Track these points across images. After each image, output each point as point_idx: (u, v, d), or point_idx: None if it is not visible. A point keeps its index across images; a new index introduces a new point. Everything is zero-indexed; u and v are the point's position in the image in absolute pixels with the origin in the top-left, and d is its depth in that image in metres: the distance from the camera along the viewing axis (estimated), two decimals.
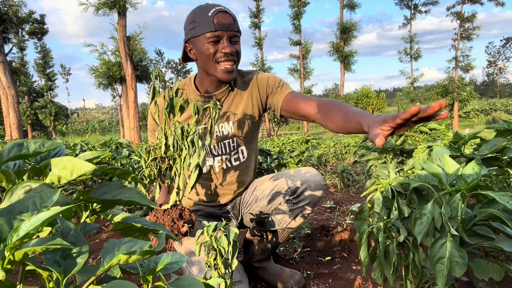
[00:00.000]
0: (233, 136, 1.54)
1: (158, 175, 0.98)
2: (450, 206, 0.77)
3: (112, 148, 4.55)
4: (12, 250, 0.34)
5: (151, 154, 0.96)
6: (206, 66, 1.42)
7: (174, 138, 0.93)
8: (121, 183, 0.58)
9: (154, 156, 0.96)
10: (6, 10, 15.67)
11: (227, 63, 1.37)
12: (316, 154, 5.91)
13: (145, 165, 0.96)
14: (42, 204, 0.41)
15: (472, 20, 24.51)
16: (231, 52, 1.35)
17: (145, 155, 0.97)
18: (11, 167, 0.56)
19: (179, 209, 0.96)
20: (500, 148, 1.22)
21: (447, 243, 0.76)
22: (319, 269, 1.86)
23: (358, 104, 30.64)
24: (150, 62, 17.85)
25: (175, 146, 0.93)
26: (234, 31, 1.36)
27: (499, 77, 65.14)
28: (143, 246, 0.43)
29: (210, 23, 1.32)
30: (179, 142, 0.93)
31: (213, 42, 1.35)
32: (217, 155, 1.55)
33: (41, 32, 26.83)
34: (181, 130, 0.94)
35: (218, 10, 1.34)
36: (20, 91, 25.56)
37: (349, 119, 1.12)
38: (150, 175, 0.96)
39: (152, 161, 0.96)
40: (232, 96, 1.53)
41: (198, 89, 1.52)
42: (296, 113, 1.44)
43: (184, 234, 0.95)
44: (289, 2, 25.00)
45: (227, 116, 1.53)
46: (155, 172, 0.97)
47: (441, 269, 0.75)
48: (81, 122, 55.18)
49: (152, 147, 0.97)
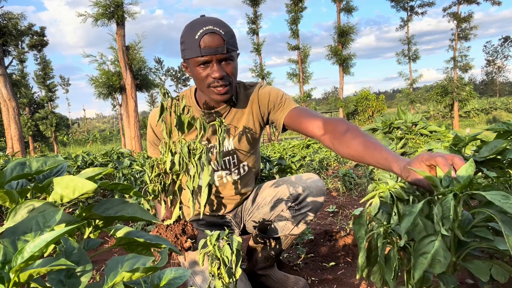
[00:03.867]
0: (234, 153, 1.51)
1: (162, 190, 0.98)
2: (443, 206, 0.77)
3: (113, 158, 4.56)
4: (17, 273, 0.34)
5: (154, 170, 0.96)
6: (200, 88, 1.38)
7: (181, 156, 0.92)
8: (123, 198, 0.58)
9: (158, 172, 0.96)
10: (5, 23, 15.79)
11: (219, 88, 1.32)
12: (317, 159, 5.91)
13: (149, 180, 0.96)
14: (46, 223, 0.41)
15: (469, 20, 24.62)
16: (220, 77, 1.29)
17: (149, 170, 0.97)
18: (14, 186, 0.57)
19: (181, 224, 0.97)
20: (500, 149, 1.22)
21: (436, 242, 0.77)
22: (324, 275, 1.86)
23: (358, 106, 30.68)
24: (149, 70, 17.93)
25: (181, 164, 0.92)
26: (223, 53, 1.27)
27: (498, 75, 65.21)
28: (146, 262, 0.44)
29: (196, 48, 1.25)
30: (186, 160, 0.92)
31: (202, 65, 1.29)
32: (218, 170, 1.54)
33: (41, 44, 27.02)
34: (188, 148, 0.94)
35: (205, 32, 1.25)
36: (20, 103, 25.67)
37: (372, 152, 1.07)
38: (154, 190, 0.96)
39: (156, 177, 0.96)
40: (234, 112, 1.49)
41: (198, 104, 1.49)
42: (299, 131, 1.40)
43: (187, 249, 0.96)
44: (287, 7, 25.14)
45: (228, 132, 1.50)
46: (159, 188, 0.96)
47: (421, 263, 0.77)
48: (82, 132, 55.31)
49: (156, 163, 0.97)
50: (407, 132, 2.37)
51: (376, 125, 2.56)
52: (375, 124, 2.60)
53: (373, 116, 30.19)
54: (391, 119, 2.51)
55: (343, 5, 24.91)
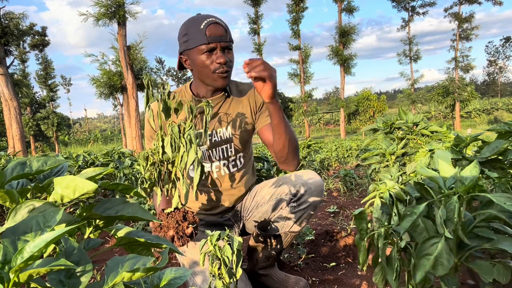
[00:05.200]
0: (230, 141, 1.57)
1: (158, 178, 0.97)
2: (447, 208, 0.77)
3: (114, 158, 4.56)
4: (17, 273, 0.34)
5: (149, 160, 0.96)
6: (201, 76, 1.47)
7: (172, 136, 0.92)
8: (124, 198, 0.58)
9: (153, 161, 0.96)
10: (7, 23, 15.81)
11: (224, 73, 1.44)
12: (318, 159, 5.91)
13: (144, 171, 0.96)
14: (46, 223, 0.41)
15: (470, 21, 24.59)
16: (225, 62, 1.41)
17: (143, 161, 0.96)
18: (15, 186, 0.57)
19: (182, 211, 0.97)
20: (502, 150, 1.22)
21: (439, 243, 0.76)
22: (324, 275, 1.85)
23: (359, 106, 30.66)
24: (150, 70, 17.94)
25: (173, 146, 0.92)
26: (226, 41, 1.40)
27: (500, 76, 65.08)
28: (147, 263, 0.44)
29: (203, 36, 1.37)
30: (177, 140, 0.92)
31: (207, 53, 1.40)
32: (215, 161, 1.58)
33: (42, 44, 27.07)
34: (178, 128, 0.94)
35: (210, 22, 1.38)
36: (22, 103, 25.71)
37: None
38: (150, 178, 0.96)
39: (151, 166, 0.96)
40: (229, 101, 1.58)
41: (194, 94, 1.57)
42: (264, 143, 1.55)
43: (189, 236, 0.95)
44: (288, 7, 25.13)
45: (224, 121, 1.57)
46: (155, 176, 0.96)
47: (424, 264, 0.76)
48: (83, 131, 55.39)
49: (151, 152, 0.96)
50: (408, 133, 2.37)
51: (377, 125, 2.55)
52: (376, 124, 2.59)
53: (374, 116, 30.19)
54: (392, 119, 2.50)
55: (344, 5, 24.89)
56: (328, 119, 46.72)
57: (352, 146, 8.47)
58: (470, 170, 0.80)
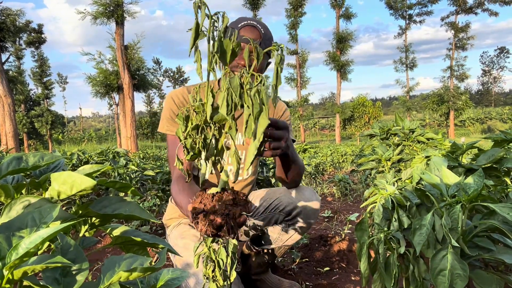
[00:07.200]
0: (245, 148, 1.52)
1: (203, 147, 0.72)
2: (451, 217, 0.77)
3: (109, 157, 4.53)
4: (11, 269, 0.33)
5: (191, 120, 0.71)
6: None
7: (229, 92, 0.65)
8: (120, 196, 0.57)
9: (197, 123, 0.71)
10: (3, 19, 15.69)
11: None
12: (313, 163, 5.91)
13: (184, 136, 0.72)
14: (42, 220, 0.40)
15: (466, 30, 24.89)
16: (244, 65, 1.35)
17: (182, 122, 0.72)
18: (10, 181, 0.56)
19: (230, 193, 0.74)
20: (498, 158, 1.22)
21: (448, 255, 0.75)
22: (318, 280, 1.84)
23: (354, 112, 30.79)
24: (147, 71, 17.88)
25: (229, 105, 0.65)
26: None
27: (494, 86, 65.81)
28: (144, 263, 0.43)
29: None
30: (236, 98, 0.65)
31: None
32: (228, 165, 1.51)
33: (38, 42, 26.87)
34: (239, 80, 0.67)
35: (247, 24, 1.36)
36: (16, 100, 25.49)
37: None
38: (193, 147, 0.71)
39: (194, 130, 0.71)
40: None
41: None
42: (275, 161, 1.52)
43: (240, 225, 0.75)
44: (286, 12, 25.25)
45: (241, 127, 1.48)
46: (200, 144, 0.71)
47: (442, 282, 0.75)
48: (78, 130, 54.95)
49: (193, 111, 0.72)
50: (404, 139, 2.37)
51: (373, 131, 2.56)
52: (372, 130, 2.60)
53: (369, 122, 30.33)
54: (389, 126, 2.51)
55: (342, 11, 25.08)
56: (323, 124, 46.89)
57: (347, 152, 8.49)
58: (474, 178, 0.80)
